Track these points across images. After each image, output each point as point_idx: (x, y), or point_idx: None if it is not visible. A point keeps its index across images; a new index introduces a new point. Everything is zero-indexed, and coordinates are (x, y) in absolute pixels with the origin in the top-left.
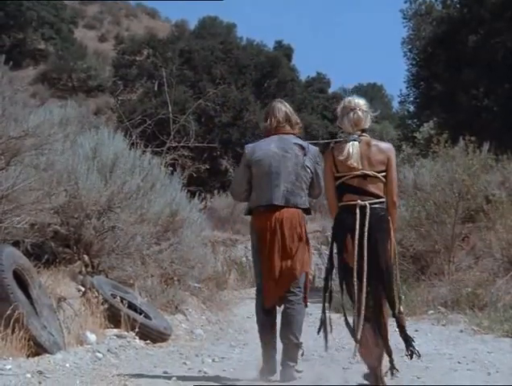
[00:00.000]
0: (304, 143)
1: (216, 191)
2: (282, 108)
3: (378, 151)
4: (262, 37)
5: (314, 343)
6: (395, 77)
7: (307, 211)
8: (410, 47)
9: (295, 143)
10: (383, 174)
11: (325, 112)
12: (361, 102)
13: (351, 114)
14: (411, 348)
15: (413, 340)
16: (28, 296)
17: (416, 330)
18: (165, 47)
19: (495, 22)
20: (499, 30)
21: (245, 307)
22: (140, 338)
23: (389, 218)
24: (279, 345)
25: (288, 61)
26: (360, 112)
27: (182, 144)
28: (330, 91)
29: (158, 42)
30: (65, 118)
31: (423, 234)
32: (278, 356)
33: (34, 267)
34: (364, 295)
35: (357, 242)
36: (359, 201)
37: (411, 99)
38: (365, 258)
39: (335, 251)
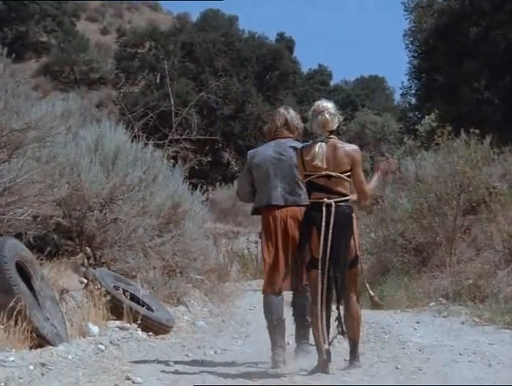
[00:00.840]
0: (299, 145)
1: (218, 184)
2: (285, 114)
3: (344, 153)
4: (264, 29)
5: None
6: (397, 69)
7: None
8: (411, 39)
9: (291, 146)
10: (348, 174)
11: None
12: (328, 105)
13: (319, 117)
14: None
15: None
16: (31, 288)
17: (417, 322)
18: (167, 40)
19: (496, 14)
20: (500, 23)
21: (247, 299)
22: (142, 330)
23: (353, 215)
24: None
25: (290, 53)
26: (327, 115)
27: (184, 136)
28: (332, 83)
29: (160, 34)
30: (67, 111)
31: (424, 226)
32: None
33: (36, 259)
34: (324, 284)
35: (322, 237)
36: (325, 199)
37: (413, 91)
38: (329, 251)
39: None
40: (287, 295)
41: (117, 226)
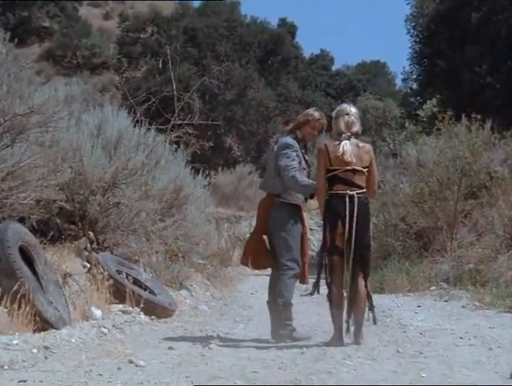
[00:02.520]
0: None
1: (220, 168)
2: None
3: (364, 151)
4: (266, 14)
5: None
6: (398, 55)
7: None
8: (413, 24)
9: (279, 138)
10: (366, 169)
11: (329, 89)
12: (353, 110)
13: (346, 117)
14: (373, 314)
15: (374, 307)
16: (34, 272)
17: (419, 306)
18: (169, 25)
19: None
20: (502, 8)
21: (249, 283)
22: (145, 313)
23: (369, 205)
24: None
25: (292, 38)
26: (353, 117)
27: (186, 121)
28: (333, 68)
29: (163, 19)
30: (70, 96)
31: (425, 211)
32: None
33: (39, 243)
34: (349, 268)
35: (347, 225)
36: (348, 191)
37: (414, 76)
38: (353, 239)
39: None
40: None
41: (119, 210)
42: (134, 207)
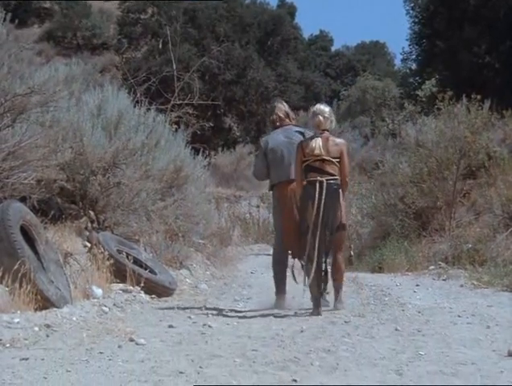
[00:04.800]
0: (302, 129)
1: (220, 148)
2: (282, 107)
3: (334, 144)
4: None
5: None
6: (398, 35)
7: None
8: (412, 4)
9: (296, 131)
10: (337, 159)
11: (328, 69)
12: (325, 109)
13: (315, 118)
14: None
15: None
16: (35, 251)
17: (417, 285)
18: (169, 6)
19: None
20: None
21: (248, 263)
22: (145, 292)
23: (339, 190)
24: None
25: (291, 19)
26: (321, 117)
27: (186, 101)
28: (333, 49)
29: (163, 0)
30: (70, 76)
31: (424, 190)
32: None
33: (40, 223)
34: (316, 245)
35: (316, 206)
36: (318, 178)
37: (413, 57)
38: (321, 218)
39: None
40: None
41: (120, 190)
42: (134, 187)
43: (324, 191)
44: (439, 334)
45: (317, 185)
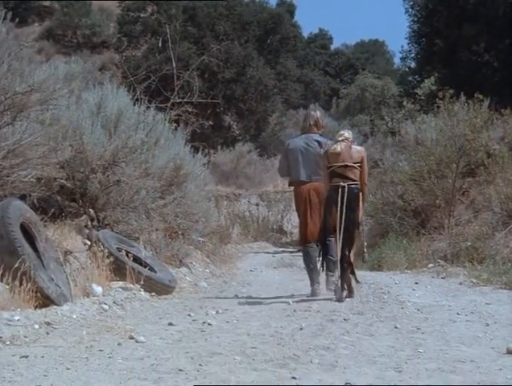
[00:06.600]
0: (322, 139)
1: (219, 147)
2: (314, 115)
3: (356, 151)
4: None
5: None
6: (397, 34)
7: None
8: (411, 3)
9: (315, 140)
10: (359, 164)
11: (327, 68)
12: (346, 134)
13: (343, 143)
14: (354, 276)
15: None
16: (35, 249)
17: (416, 283)
18: (169, 4)
19: None
20: None
21: (248, 261)
22: (145, 290)
23: (360, 194)
24: None
25: (291, 17)
26: (347, 141)
27: (186, 100)
28: (332, 47)
29: None
30: (70, 74)
31: (423, 188)
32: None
33: (40, 221)
34: (340, 243)
35: (339, 210)
36: (341, 183)
37: (413, 55)
38: (343, 220)
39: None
40: None
41: (119, 188)
42: (134, 185)
43: (346, 195)
44: (438, 332)
45: (339, 190)
